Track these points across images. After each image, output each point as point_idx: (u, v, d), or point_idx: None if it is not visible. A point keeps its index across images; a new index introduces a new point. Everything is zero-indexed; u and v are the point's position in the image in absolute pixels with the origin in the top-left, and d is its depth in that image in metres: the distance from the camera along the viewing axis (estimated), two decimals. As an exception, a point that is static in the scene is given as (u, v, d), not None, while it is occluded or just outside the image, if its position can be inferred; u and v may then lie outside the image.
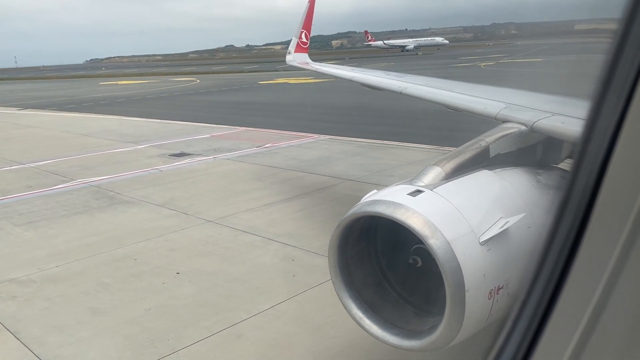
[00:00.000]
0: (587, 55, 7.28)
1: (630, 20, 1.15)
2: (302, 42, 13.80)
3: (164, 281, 7.98)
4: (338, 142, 19.17)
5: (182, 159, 17.18)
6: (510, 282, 3.59)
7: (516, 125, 4.74)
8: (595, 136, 1.25)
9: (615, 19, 1.17)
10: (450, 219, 3.48)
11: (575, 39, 38.48)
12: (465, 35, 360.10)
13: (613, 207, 1.21)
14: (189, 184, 13.84)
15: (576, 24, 36.72)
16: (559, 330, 1.35)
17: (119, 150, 19.21)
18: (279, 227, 10.13)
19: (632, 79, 1.15)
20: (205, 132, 22.86)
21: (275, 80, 59.87)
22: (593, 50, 1.53)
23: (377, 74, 9.98)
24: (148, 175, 14.95)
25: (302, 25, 13.71)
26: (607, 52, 1.20)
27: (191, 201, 12.18)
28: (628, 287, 1.21)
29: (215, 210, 11.35)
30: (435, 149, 16.75)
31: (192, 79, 71.63)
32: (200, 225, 10.47)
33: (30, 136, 24.21)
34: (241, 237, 9.73)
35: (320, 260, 8.49)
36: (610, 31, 1.19)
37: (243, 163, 16.17)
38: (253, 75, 74.49)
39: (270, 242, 9.40)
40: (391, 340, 3.81)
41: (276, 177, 14.21)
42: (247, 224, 10.41)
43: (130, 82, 71.70)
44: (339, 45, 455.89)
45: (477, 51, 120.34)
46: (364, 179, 13.61)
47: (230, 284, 7.81)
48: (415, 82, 8.19)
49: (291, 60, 13.64)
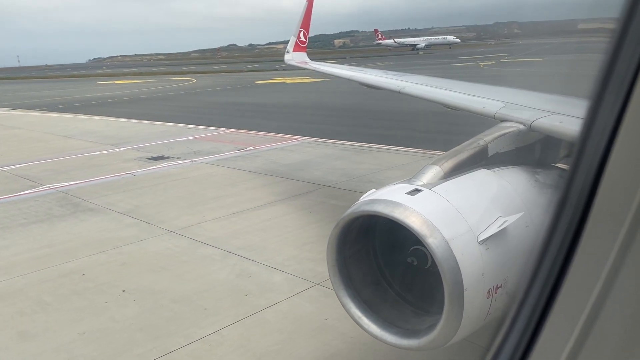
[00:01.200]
0: (589, 54, 6.75)
1: (628, 19, 1.15)
2: (301, 42, 13.75)
3: (106, 300, 7.40)
4: (322, 145, 18.56)
5: (160, 162, 16.61)
6: (508, 281, 3.59)
7: (514, 125, 4.73)
8: (594, 135, 1.25)
9: (608, 18, 1.18)
10: (448, 218, 3.46)
11: (578, 38, 37.92)
12: (468, 34, 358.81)
13: (611, 206, 1.22)
14: (160, 189, 13.26)
15: (579, 23, 36.20)
16: (557, 329, 1.35)
17: (97, 153, 18.64)
18: (242, 239, 9.54)
19: (630, 77, 1.15)
20: (189, 133, 22.29)
21: (272, 80, 59.28)
22: (596, 49, 1.40)
23: (376, 73, 9.85)
24: (120, 180, 14.38)
25: (301, 25, 13.67)
26: (606, 51, 1.19)
27: (157, 209, 11.60)
28: (626, 286, 1.21)
29: (179, 219, 10.77)
30: (420, 153, 16.15)
31: (189, 79, 71.12)
32: (160, 236, 9.88)
33: (11, 138, 23.67)
34: (200, 249, 9.14)
35: (279, 277, 7.91)
36: (610, 30, 1.19)
37: (220, 167, 15.58)
38: (251, 75, 73.95)
39: (229, 255, 8.81)
40: (390, 339, 3.79)
41: (251, 182, 13.61)
42: (210, 234, 9.82)
43: (126, 82, 71.20)
44: (342, 44, 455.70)
45: (478, 50, 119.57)
46: (341, 185, 13.01)
47: (176, 304, 7.22)
48: (414, 82, 8.07)
49: (289, 59, 13.54)
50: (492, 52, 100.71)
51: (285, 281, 7.77)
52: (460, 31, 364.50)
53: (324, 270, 8.16)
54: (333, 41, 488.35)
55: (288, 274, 7.98)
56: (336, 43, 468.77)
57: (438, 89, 7.26)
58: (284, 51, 14.14)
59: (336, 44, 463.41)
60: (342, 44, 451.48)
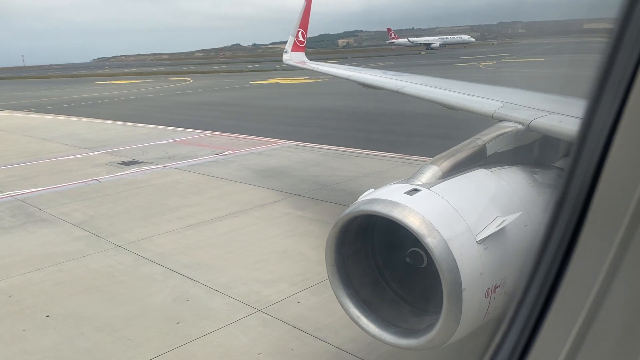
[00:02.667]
0: (593, 55, 6.25)
1: (626, 19, 1.15)
2: (299, 41, 13.74)
3: (25, 328, 6.72)
4: (302, 150, 17.85)
5: (130, 168, 15.93)
6: (507, 281, 3.59)
7: (513, 124, 4.73)
8: (592, 135, 1.25)
9: (612, 18, 1.17)
10: (447, 217, 3.46)
11: (583, 37, 37.15)
12: (472, 34, 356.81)
13: (609, 206, 1.22)
14: (121, 198, 12.58)
15: (584, 22, 35.34)
16: (555, 328, 1.36)
17: (70, 158, 17.99)
18: (191, 255, 8.85)
19: (628, 77, 1.15)
20: (170, 136, 21.62)
21: (268, 81, 58.58)
22: (600, 49, 1.20)
23: (374, 73, 9.75)
24: (84, 188, 13.71)
25: (299, 24, 13.66)
26: (604, 50, 1.20)
27: (112, 220, 10.91)
28: (624, 285, 1.21)
29: (131, 232, 10.08)
30: (400, 159, 15.41)
31: (186, 79, 70.50)
32: (106, 251, 9.20)
33: (-12, 140, 23.06)
34: (143, 268, 8.45)
35: (219, 301, 7.21)
36: (609, 30, 1.18)
37: (191, 173, 14.89)
38: (249, 75, 73.21)
39: (172, 275, 8.11)
40: (388, 339, 3.77)
41: (218, 190, 12.92)
42: (158, 250, 9.13)
43: (123, 82, 70.65)
44: (345, 44, 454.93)
45: (481, 50, 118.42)
46: (312, 193, 12.29)
47: (99, 332, 6.53)
48: (413, 81, 8.02)
49: (288, 59, 13.49)
50: (495, 52, 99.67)
51: (225, 306, 7.06)
52: (464, 31, 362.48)
53: (270, 294, 7.49)
54: (337, 41, 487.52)
55: (229, 298, 7.27)
56: (340, 43, 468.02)
57: (436, 88, 7.22)
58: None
59: (340, 43, 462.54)
60: (345, 44, 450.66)
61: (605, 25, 1.20)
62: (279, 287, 7.56)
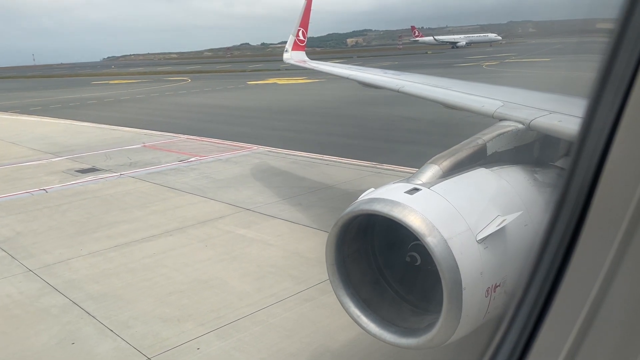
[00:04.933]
0: (597, 55, 5.60)
1: (627, 18, 1.14)
2: (300, 40, 13.73)
3: None
4: (272, 156, 16.83)
5: (86, 176, 15.00)
6: (507, 280, 3.57)
7: (513, 124, 4.71)
8: (592, 134, 1.23)
9: (613, 18, 1.15)
10: (447, 217, 3.44)
11: (592, 37, 35.95)
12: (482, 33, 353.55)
13: (610, 205, 1.20)
14: (60, 211, 11.63)
15: (597, 22, 34.69)
16: (556, 328, 1.34)
17: (29, 164, 17.09)
18: (103, 283, 7.86)
19: (629, 77, 1.13)
20: (141, 140, 20.70)
21: (266, 81, 57.65)
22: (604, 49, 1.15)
23: (375, 72, 9.65)
24: (26, 199, 12.79)
25: (299, 24, 13.63)
26: (605, 50, 1.18)
27: (38, 238, 9.96)
28: (625, 285, 1.19)
29: (51, 254, 9.11)
30: (371, 167, 14.35)
31: (184, 79, 69.78)
32: (14, 277, 8.23)
33: (-43, 144, 22.27)
34: (44, 299, 7.47)
35: (108, 345, 6.20)
36: (610, 30, 1.15)
37: (145, 182, 13.92)
38: (248, 75, 72.37)
39: (71, 308, 7.13)
40: (388, 338, 3.75)
41: (165, 203, 11.93)
42: (70, 276, 8.15)
43: (120, 82, 70.09)
44: (354, 43, 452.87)
45: (487, 50, 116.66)
46: (264, 208, 11.25)
47: (-47, 386, 5.56)
48: (413, 80, 7.92)
49: (288, 58, 13.42)
50: (502, 52, 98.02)
51: (112, 352, 6.05)
52: (474, 30, 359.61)
53: (169, 336, 6.40)
54: (346, 40, 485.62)
55: (122, 341, 6.26)
56: (349, 42, 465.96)
57: (437, 87, 7.17)
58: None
59: (349, 43, 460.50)
60: (354, 43, 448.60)
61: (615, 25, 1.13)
62: (183, 327, 6.54)
